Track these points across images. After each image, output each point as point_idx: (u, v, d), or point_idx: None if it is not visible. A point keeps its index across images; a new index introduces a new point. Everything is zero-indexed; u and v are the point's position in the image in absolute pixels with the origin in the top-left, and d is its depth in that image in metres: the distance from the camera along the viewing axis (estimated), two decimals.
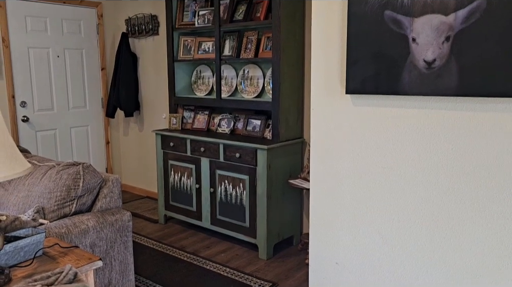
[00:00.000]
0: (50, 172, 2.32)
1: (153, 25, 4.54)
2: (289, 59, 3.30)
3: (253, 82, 3.65)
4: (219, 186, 3.52)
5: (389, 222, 1.91)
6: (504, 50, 1.51)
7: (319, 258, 2.17)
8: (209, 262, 3.26)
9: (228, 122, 3.75)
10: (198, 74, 4.11)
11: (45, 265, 1.63)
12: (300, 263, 3.25)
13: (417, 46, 1.69)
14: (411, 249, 1.87)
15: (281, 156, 3.32)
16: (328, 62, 2.00)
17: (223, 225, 3.55)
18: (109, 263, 2.24)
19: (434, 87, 1.67)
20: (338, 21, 1.95)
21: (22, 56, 4.29)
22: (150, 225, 4.07)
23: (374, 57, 1.81)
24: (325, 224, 2.12)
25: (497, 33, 1.52)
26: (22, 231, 1.73)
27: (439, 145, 1.73)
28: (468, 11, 1.57)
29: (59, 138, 4.68)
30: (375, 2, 1.78)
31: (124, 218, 2.30)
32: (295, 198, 3.52)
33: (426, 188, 1.79)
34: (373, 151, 1.92)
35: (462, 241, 1.72)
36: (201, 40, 3.92)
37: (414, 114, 1.78)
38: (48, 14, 4.44)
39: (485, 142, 1.63)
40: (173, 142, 3.82)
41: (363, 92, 1.87)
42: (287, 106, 3.35)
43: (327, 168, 2.08)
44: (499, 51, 1.52)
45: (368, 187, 1.95)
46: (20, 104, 4.32)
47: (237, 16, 3.57)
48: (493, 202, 1.63)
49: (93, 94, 4.92)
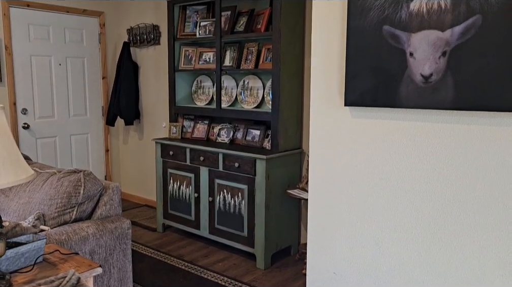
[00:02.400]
0: (51, 179, 2.34)
1: (155, 34, 4.59)
2: (289, 70, 3.35)
3: (253, 92, 3.69)
4: (218, 195, 3.54)
5: (386, 232, 1.94)
6: (498, 65, 1.55)
7: (316, 268, 2.19)
8: (207, 271, 3.27)
9: (228, 132, 3.78)
10: (198, 84, 4.15)
11: (45, 271, 1.64)
12: (298, 273, 3.26)
13: (414, 61, 1.73)
14: (408, 259, 1.89)
15: (279, 166, 3.35)
16: (328, 75, 2.04)
17: (221, 234, 3.56)
18: (108, 270, 2.25)
19: (430, 101, 1.71)
20: (337, 34, 1.99)
21: (24, 63, 4.33)
22: (148, 233, 4.08)
23: (373, 70, 1.85)
24: (323, 234, 2.14)
25: (491, 49, 1.56)
26: (23, 237, 1.75)
27: (435, 157, 1.77)
28: (464, 28, 1.61)
29: (59, 146, 4.70)
30: (374, 17, 1.82)
31: (123, 226, 2.32)
32: (293, 208, 3.54)
33: (423, 200, 1.82)
34: (370, 162, 1.95)
35: (459, 251, 1.75)
36: (202, 50, 3.97)
37: (411, 127, 1.82)
38: (50, 23, 4.49)
39: (480, 155, 1.66)
40: (173, 151, 3.85)
41: (361, 104, 1.90)
42: (287, 117, 3.39)
43: (325, 178, 2.11)
44: (493, 67, 1.56)
45: (366, 197, 1.98)
46: (21, 111, 4.35)
47: (238, 27, 3.62)
48: (488, 214, 1.66)
49: (93, 102, 4.96)
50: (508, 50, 1.52)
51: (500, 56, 1.54)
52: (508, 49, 1.52)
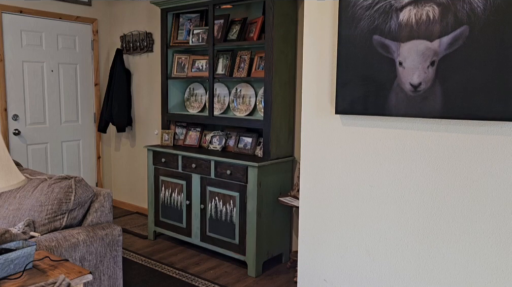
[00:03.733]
0: (41, 185, 2.33)
1: (148, 42, 4.61)
2: (281, 78, 3.38)
3: (245, 100, 3.71)
4: (210, 202, 3.54)
5: (376, 239, 1.95)
6: (485, 75, 1.58)
7: (307, 275, 2.20)
8: (198, 279, 3.25)
9: (220, 140, 3.79)
10: (191, 91, 4.17)
11: (35, 278, 1.63)
12: (289, 281, 3.26)
13: (403, 70, 1.76)
14: (398, 266, 1.90)
15: (271, 174, 3.36)
16: (319, 83, 2.07)
17: (212, 242, 3.55)
18: (98, 278, 2.24)
19: (419, 110, 1.73)
20: (328, 44, 2.02)
21: (16, 69, 4.32)
22: (139, 241, 4.06)
23: (363, 79, 1.87)
24: (313, 242, 2.15)
25: (478, 59, 1.59)
26: (13, 244, 1.74)
27: (424, 165, 1.79)
28: (452, 38, 1.65)
29: (50, 152, 4.67)
30: (364, 26, 1.85)
31: (114, 233, 2.31)
32: (285, 215, 3.55)
33: (412, 207, 1.84)
34: (361, 170, 1.97)
35: (448, 258, 1.77)
36: (195, 58, 3.99)
37: (400, 135, 1.85)
38: (43, 29, 4.49)
39: (467, 162, 1.69)
40: (165, 158, 3.85)
41: (352, 113, 1.93)
42: (279, 125, 3.41)
43: (316, 186, 2.12)
44: (480, 77, 1.59)
45: (356, 205, 2.00)
46: (12, 117, 4.32)
47: (231, 36, 3.65)
48: (476, 221, 1.69)
49: (85, 109, 4.94)
50: (495, 60, 1.56)
51: (486, 65, 1.58)
52: (494, 59, 1.56)
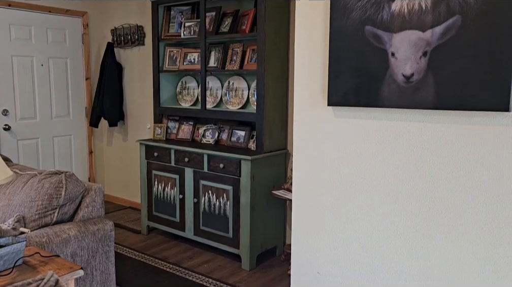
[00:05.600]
0: (31, 181, 2.30)
1: (139, 35, 4.56)
2: (274, 71, 3.36)
3: (238, 93, 3.69)
4: (203, 196, 3.52)
5: (370, 232, 1.95)
6: (477, 66, 1.57)
7: (300, 268, 2.19)
8: (192, 273, 3.25)
9: (213, 133, 3.77)
10: (183, 84, 4.13)
11: (25, 274, 1.61)
12: (283, 274, 3.26)
13: (396, 61, 1.75)
14: (392, 258, 1.90)
15: (264, 167, 3.35)
16: (311, 75, 2.05)
17: (206, 235, 3.54)
18: (90, 273, 2.22)
19: (412, 101, 1.72)
20: (320, 35, 2.00)
21: (5, 64, 4.25)
22: (133, 235, 4.04)
23: (355, 70, 1.86)
24: (306, 235, 2.15)
25: (471, 49, 1.58)
26: (2, 240, 1.71)
27: (417, 156, 1.78)
28: (444, 28, 1.63)
29: (41, 147, 4.62)
30: (356, 17, 1.84)
31: (106, 228, 2.29)
32: (278, 208, 3.54)
33: (405, 199, 1.83)
34: (353, 162, 1.96)
35: (441, 250, 1.77)
36: (187, 51, 3.96)
37: (393, 126, 1.84)
38: (32, 23, 4.43)
39: (460, 153, 1.68)
40: (158, 152, 3.82)
41: (344, 104, 1.91)
42: (271, 118, 3.39)
43: (309, 178, 2.11)
44: (473, 67, 1.58)
45: (349, 197, 1.99)
46: (2, 113, 4.27)
47: (223, 28, 3.62)
48: (469, 212, 1.68)
49: (76, 103, 4.89)
50: (487, 50, 1.55)
51: (479, 55, 1.57)
52: (487, 49, 1.55)
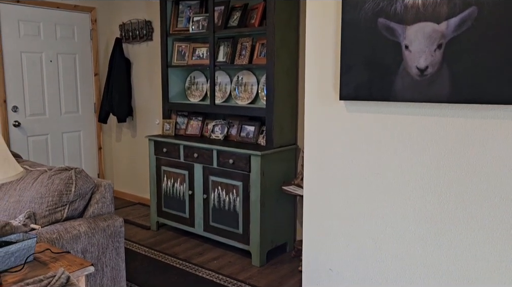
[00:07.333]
0: (41, 177, 2.30)
1: (147, 30, 4.54)
2: (284, 65, 3.32)
3: (247, 88, 3.66)
4: (212, 192, 3.51)
5: (382, 228, 1.92)
6: (494, 58, 1.53)
7: (312, 264, 2.17)
8: (202, 269, 3.24)
9: (222, 128, 3.74)
10: (192, 80, 4.11)
11: (36, 270, 1.61)
12: (294, 270, 3.24)
13: (410, 54, 1.71)
14: (405, 255, 1.87)
15: (274, 162, 3.33)
16: (322, 69, 2.02)
17: (216, 231, 3.53)
18: (100, 269, 2.22)
19: (426, 94, 1.69)
20: (332, 28, 1.96)
21: (14, 60, 4.27)
22: (142, 231, 4.04)
23: (368, 63, 1.82)
24: (318, 231, 2.12)
25: (487, 41, 1.54)
26: (13, 236, 1.71)
27: (431, 151, 1.75)
28: (460, 20, 1.59)
29: (51, 143, 4.64)
30: (369, 9, 1.80)
31: (116, 224, 2.28)
32: (288, 204, 3.52)
33: (419, 194, 1.80)
34: (366, 157, 1.93)
35: (456, 246, 1.73)
36: (195, 46, 3.93)
37: (407, 121, 1.80)
38: (41, 19, 4.43)
39: (476, 148, 1.64)
40: (167, 148, 3.81)
41: (356, 98, 1.88)
42: (281, 113, 3.36)
43: (320, 174, 2.08)
44: (489, 59, 1.54)
45: (361, 193, 1.96)
46: (12, 109, 4.28)
47: (231, 22, 3.58)
48: (486, 207, 1.65)
49: (85, 99, 4.90)
50: (504, 42, 1.51)
51: (495, 48, 1.52)
52: (504, 41, 1.51)
